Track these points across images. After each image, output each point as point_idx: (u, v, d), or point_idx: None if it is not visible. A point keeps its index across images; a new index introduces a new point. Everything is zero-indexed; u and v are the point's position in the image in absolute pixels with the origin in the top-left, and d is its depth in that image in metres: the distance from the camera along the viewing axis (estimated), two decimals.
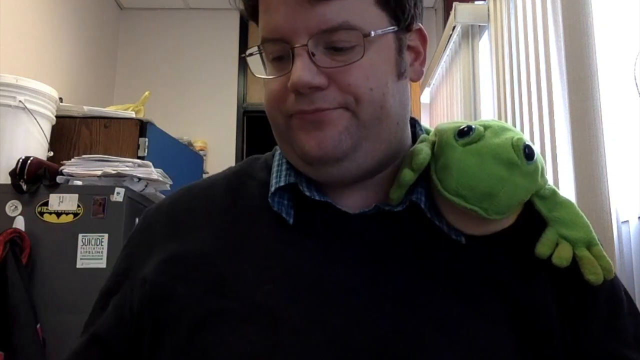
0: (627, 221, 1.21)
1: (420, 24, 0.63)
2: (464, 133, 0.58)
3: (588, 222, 0.60)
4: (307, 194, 0.59)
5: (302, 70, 0.55)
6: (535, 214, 0.61)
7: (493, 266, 0.58)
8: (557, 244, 0.58)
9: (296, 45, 0.55)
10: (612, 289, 0.60)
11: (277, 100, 0.59)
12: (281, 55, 0.58)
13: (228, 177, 0.67)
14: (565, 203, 0.61)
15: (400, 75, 0.60)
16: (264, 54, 0.60)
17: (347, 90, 0.56)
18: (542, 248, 0.58)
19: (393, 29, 0.59)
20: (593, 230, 0.60)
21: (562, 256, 0.57)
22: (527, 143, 0.57)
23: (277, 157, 0.65)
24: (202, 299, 0.56)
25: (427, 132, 0.68)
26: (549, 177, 1.53)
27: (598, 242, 0.59)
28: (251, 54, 0.61)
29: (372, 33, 0.56)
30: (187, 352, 0.55)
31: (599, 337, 0.57)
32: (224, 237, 0.60)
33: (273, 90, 0.59)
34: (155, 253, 0.61)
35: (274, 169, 0.63)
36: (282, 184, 0.61)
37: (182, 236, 0.62)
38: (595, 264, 0.57)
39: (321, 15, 0.55)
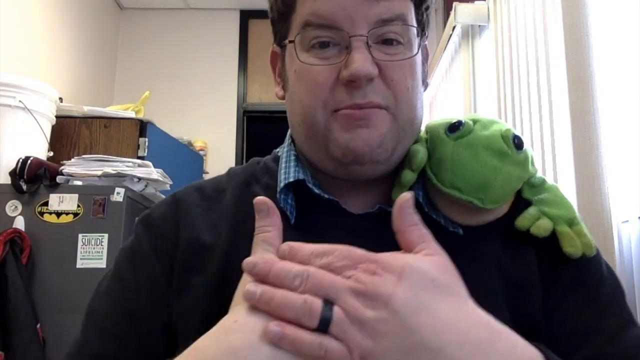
0: (627, 221, 1.21)
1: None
2: (454, 128, 0.60)
3: (572, 204, 0.62)
4: (317, 192, 0.60)
5: (364, 61, 0.55)
6: (525, 202, 0.63)
7: (490, 251, 0.60)
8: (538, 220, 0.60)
9: (356, 34, 0.56)
10: (597, 264, 0.61)
11: (321, 93, 0.57)
12: (326, 42, 0.58)
13: (234, 180, 0.67)
14: (552, 187, 0.63)
15: (423, 81, 0.64)
16: (298, 41, 0.59)
17: (390, 85, 0.57)
18: (522, 221, 0.60)
19: (422, 38, 0.63)
20: (576, 212, 0.61)
21: (541, 226, 0.59)
22: (515, 133, 0.60)
23: (284, 156, 0.65)
24: (214, 293, 0.57)
25: None
26: (549, 177, 1.53)
27: (580, 222, 0.61)
28: (291, 41, 0.60)
29: (418, 33, 0.60)
30: None
31: (578, 310, 0.58)
32: (234, 235, 0.60)
33: (317, 82, 0.57)
34: (181, 239, 0.61)
35: (282, 166, 0.63)
36: (290, 179, 0.61)
37: (198, 229, 0.62)
38: (574, 238, 0.59)
39: (383, 7, 0.57)
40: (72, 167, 1.97)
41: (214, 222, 0.62)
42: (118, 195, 1.87)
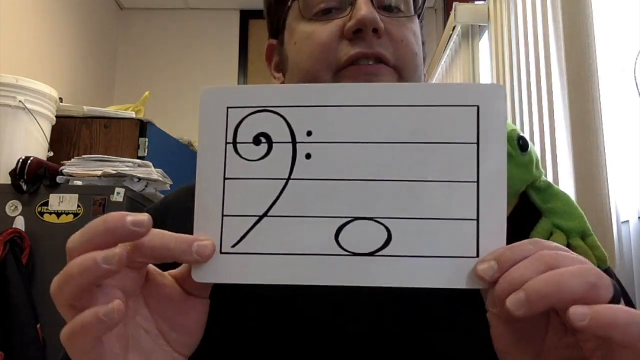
0: (627, 221, 1.21)
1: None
2: None
3: (582, 212, 0.61)
4: None
5: (371, 8, 0.54)
6: (531, 206, 0.61)
7: None
8: (551, 234, 0.59)
9: None
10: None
11: (325, 51, 0.56)
12: (329, 8, 0.57)
13: None
14: (560, 194, 0.62)
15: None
16: (300, 10, 0.59)
17: (400, 45, 0.56)
18: (536, 237, 0.58)
19: (420, 13, 0.62)
20: (587, 221, 0.60)
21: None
22: (520, 134, 0.59)
23: None
24: (212, 299, 0.56)
25: None
26: (550, 177, 1.53)
27: (592, 232, 0.60)
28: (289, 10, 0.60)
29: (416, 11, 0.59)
30: (197, 353, 0.54)
31: None
32: None
33: (319, 42, 0.56)
34: None
35: None
36: None
37: (186, 233, 0.61)
38: (589, 253, 0.58)
39: None
40: (72, 167, 1.97)
41: None
42: (118, 195, 1.86)
